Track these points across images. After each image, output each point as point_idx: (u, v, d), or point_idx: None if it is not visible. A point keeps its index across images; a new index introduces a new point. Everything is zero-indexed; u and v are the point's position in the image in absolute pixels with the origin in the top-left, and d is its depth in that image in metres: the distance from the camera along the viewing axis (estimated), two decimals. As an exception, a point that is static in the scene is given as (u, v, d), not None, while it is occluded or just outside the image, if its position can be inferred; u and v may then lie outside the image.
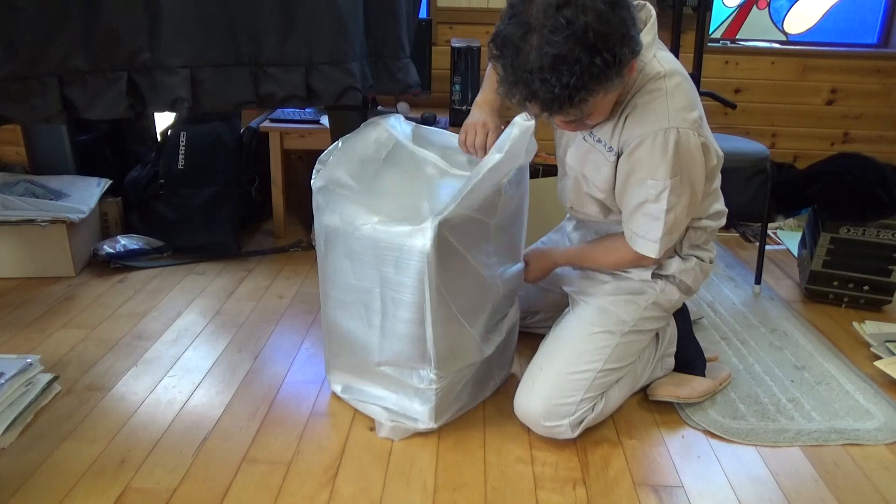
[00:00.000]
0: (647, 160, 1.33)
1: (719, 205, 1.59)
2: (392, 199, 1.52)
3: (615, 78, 1.20)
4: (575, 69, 1.14)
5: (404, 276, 1.37)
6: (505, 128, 1.47)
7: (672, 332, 1.72)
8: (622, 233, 1.50)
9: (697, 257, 1.59)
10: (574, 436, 1.49)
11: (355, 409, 1.63)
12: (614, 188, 1.44)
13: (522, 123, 1.40)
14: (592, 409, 1.51)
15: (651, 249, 1.43)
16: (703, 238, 1.59)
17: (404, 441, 1.53)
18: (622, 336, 1.52)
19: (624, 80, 1.24)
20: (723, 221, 1.61)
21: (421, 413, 1.53)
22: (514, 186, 1.49)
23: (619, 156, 1.39)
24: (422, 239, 1.32)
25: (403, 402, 1.55)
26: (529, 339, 1.91)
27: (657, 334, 1.67)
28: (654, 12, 1.37)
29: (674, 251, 1.57)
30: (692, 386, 1.67)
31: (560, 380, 1.49)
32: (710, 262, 1.62)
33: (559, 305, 1.76)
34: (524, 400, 1.52)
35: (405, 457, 1.48)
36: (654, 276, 1.56)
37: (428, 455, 1.49)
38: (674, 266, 1.57)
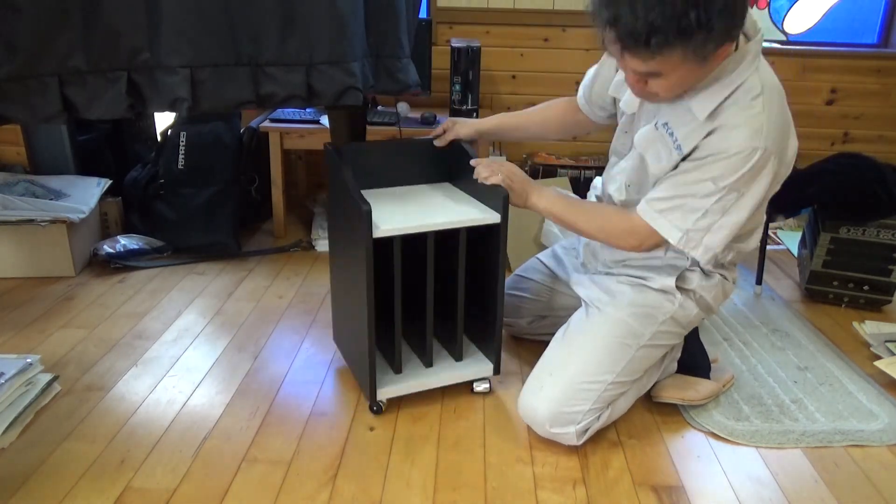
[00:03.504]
0: (723, 167, 1.29)
1: (758, 231, 1.55)
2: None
3: (699, 47, 1.16)
4: (665, 10, 1.11)
5: None
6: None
7: (679, 341, 1.69)
8: (631, 210, 1.46)
9: (721, 275, 1.56)
10: (579, 443, 1.48)
11: (355, 409, 1.63)
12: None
13: None
14: (598, 419, 1.49)
15: (672, 235, 1.37)
16: (730, 257, 1.54)
17: (404, 441, 1.53)
18: (636, 350, 1.50)
19: (706, 61, 1.20)
20: (754, 244, 1.55)
21: None
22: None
23: (685, 158, 1.35)
24: None
25: None
26: (537, 346, 1.91)
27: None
28: (761, 29, 1.32)
29: (697, 268, 1.54)
30: (696, 388, 1.66)
31: (570, 388, 1.47)
32: (733, 282, 1.60)
33: (569, 309, 1.74)
34: (530, 403, 1.51)
35: (405, 457, 1.48)
36: (678, 287, 1.52)
37: (428, 455, 1.48)
38: (696, 280, 1.53)
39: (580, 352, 1.51)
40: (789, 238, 2.89)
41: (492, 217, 1.54)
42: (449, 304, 1.68)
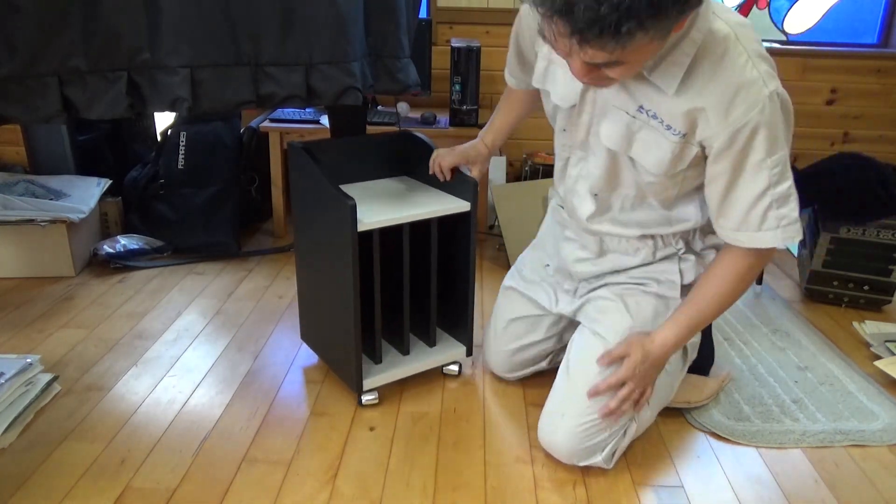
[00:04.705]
0: (763, 138, 1.13)
1: None
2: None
3: (671, 20, 0.97)
4: None
5: None
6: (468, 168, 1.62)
7: (696, 339, 1.55)
8: (723, 253, 1.30)
9: (714, 247, 1.45)
10: (611, 467, 1.43)
11: (355, 409, 1.63)
12: (667, 171, 1.25)
13: None
14: (624, 436, 1.42)
15: (797, 231, 1.20)
16: (714, 241, 1.45)
17: (404, 441, 1.53)
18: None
19: (669, 33, 1.02)
20: None
21: None
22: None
23: (683, 136, 1.19)
24: None
25: None
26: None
27: (685, 349, 1.51)
28: None
29: (688, 249, 1.42)
30: (700, 389, 1.65)
31: (583, 427, 1.37)
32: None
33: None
34: (549, 443, 1.44)
35: (405, 457, 1.48)
36: (683, 287, 1.42)
37: (428, 455, 1.48)
38: (694, 271, 1.43)
39: (585, 388, 1.37)
40: (789, 238, 2.89)
41: (462, 206, 1.60)
42: (419, 294, 1.73)
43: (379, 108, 3.00)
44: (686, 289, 1.42)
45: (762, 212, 1.19)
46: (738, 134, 1.13)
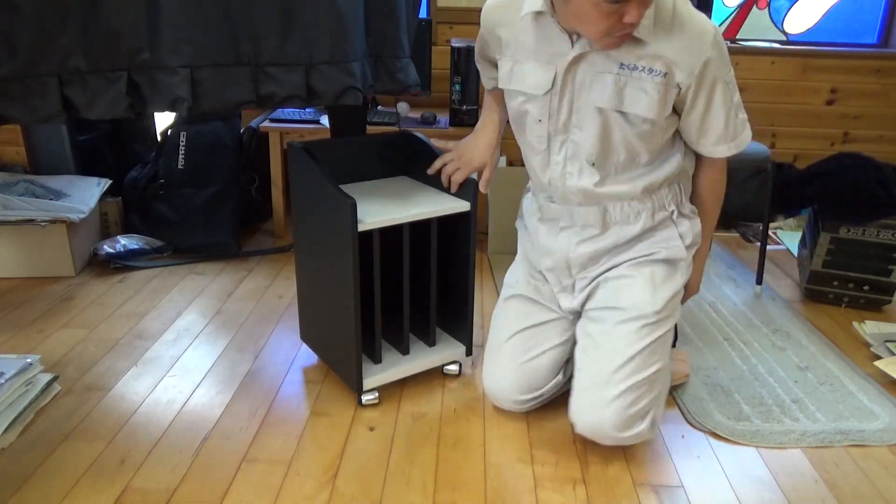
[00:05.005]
0: (719, 64, 1.33)
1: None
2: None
3: None
4: None
5: None
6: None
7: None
8: (704, 170, 1.50)
9: (694, 214, 1.53)
10: (652, 436, 1.44)
11: (355, 409, 1.64)
12: (659, 113, 1.36)
13: None
14: (659, 403, 1.46)
15: (749, 131, 1.44)
16: (688, 208, 1.52)
17: (404, 441, 1.53)
18: (670, 321, 1.47)
19: None
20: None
21: None
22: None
23: (665, 75, 1.33)
24: None
25: None
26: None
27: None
28: None
29: (679, 213, 1.50)
30: (684, 362, 1.67)
31: (629, 390, 1.40)
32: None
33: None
34: (595, 418, 1.42)
35: (405, 457, 1.48)
36: (686, 248, 1.50)
37: (428, 455, 1.48)
38: (692, 228, 1.50)
39: (625, 350, 1.42)
40: (789, 238, 2.89)
41: (462, 206, 1.61)
42: (419, 294, 1.74)
43: (379, 108, 3.00)
44: (690, 248, 1.51)
45: (733, 121, 1.40)
46: (705, 68, 1.32)
